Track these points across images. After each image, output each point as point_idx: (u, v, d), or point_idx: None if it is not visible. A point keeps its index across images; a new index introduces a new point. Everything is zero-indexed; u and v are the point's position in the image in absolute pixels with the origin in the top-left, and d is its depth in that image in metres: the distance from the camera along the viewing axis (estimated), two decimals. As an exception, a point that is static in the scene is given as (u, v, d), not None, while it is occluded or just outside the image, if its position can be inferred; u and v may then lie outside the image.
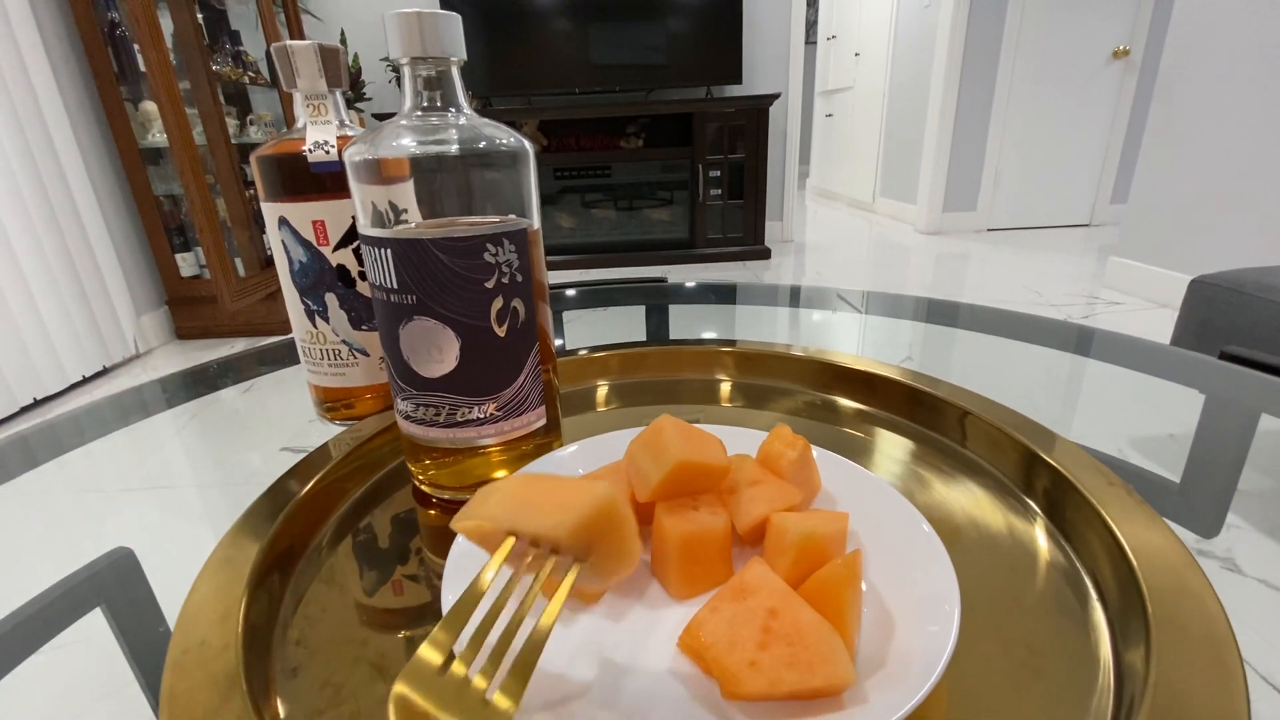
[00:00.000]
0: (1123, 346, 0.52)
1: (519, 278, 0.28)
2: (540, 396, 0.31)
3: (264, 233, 2.26)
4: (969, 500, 0.30)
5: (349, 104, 2.72)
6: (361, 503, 0.33)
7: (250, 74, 2.29)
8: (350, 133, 0.35)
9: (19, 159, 1.68)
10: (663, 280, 0.76)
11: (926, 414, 0.37)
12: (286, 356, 0.58)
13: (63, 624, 0.27)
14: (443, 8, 2.64)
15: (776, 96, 2.75)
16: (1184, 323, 1.12)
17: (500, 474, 0.31)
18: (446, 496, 0.32)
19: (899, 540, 0.24)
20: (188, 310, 2.16)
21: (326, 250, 0.35)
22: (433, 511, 0.32)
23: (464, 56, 0.27)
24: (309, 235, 0.34)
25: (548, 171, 2.88)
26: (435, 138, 0.26)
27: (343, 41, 2.65)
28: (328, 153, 0.33)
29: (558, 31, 2.76)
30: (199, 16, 2.00)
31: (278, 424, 0.49)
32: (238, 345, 2.10)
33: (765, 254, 3.00)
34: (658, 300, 0.72)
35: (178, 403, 0.51)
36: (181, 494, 0.39)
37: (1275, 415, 0.44)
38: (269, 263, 2.22)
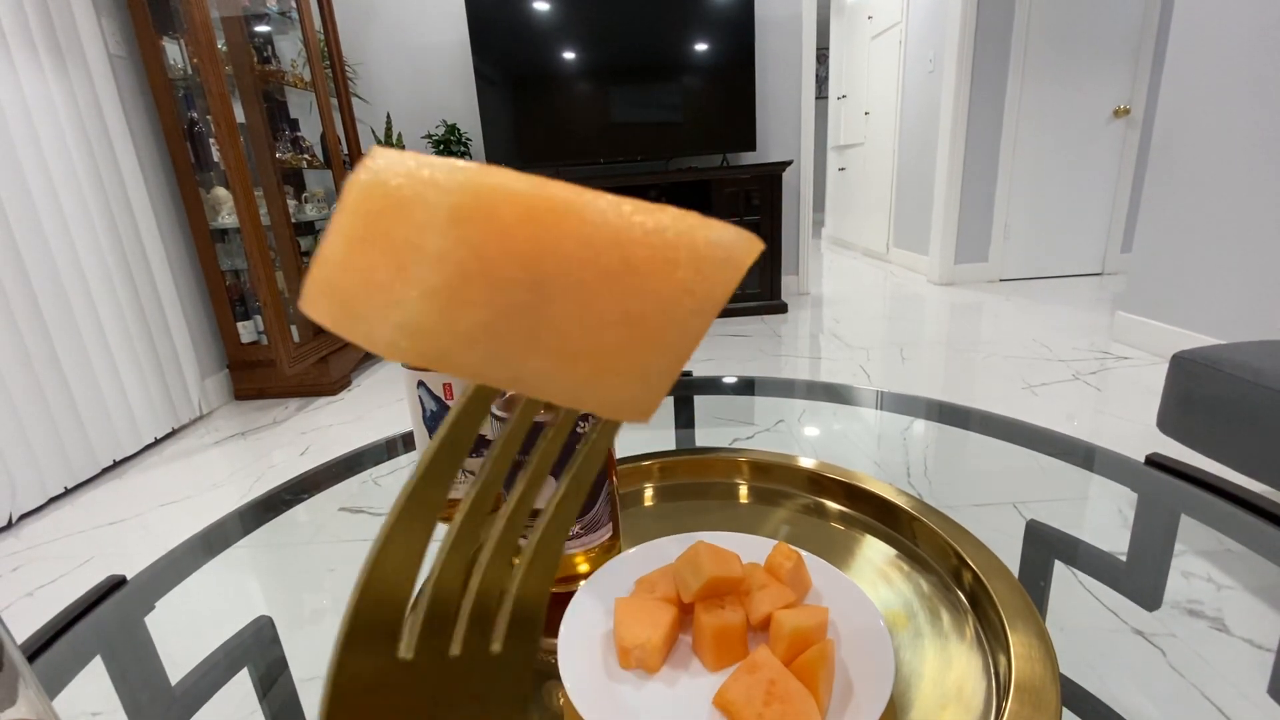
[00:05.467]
0: (1079, 450, 0.63)
1: (597, 439, 0.41)
2: (609, 515, 0.44)
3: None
4: (914, 589, 0.42)
5: (392, 177, 2.95)
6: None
7: (306, 157, 2.53)
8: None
9: (109, 242, 1.89)
10: (688, 374, 0.89)
11: (890, 517, 0.48)
12: (345, 473, 0.66)
13: (222, 681, 0.40)
14: (478, 80, 2.89)
15: (789, 164, 2.93)
16: (1169, 393, 1.21)
17: (582, 568, 0.44)
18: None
19: (861, 628, 0.36)
20: (245, 373, 2.34)
21: (451, 402, 0.48)
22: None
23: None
24: (439, 393, 0.47)
25: (574, 235, 3.07)
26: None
27: (388, 123, 2.90)
28: (456, 338, 0.46)
29: (582, 106, 2.98)
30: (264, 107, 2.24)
31: (332, 486, 0.62)
32: (290, 405, 2.27)
33: (782, 308, 3.13)
34: (683, 392, 0.84)
35: (253, 528, 0.56)
36: (258, 554, 0.52)
37: (1191, 516, 0.54)
38: (321, 329, 2.40)
